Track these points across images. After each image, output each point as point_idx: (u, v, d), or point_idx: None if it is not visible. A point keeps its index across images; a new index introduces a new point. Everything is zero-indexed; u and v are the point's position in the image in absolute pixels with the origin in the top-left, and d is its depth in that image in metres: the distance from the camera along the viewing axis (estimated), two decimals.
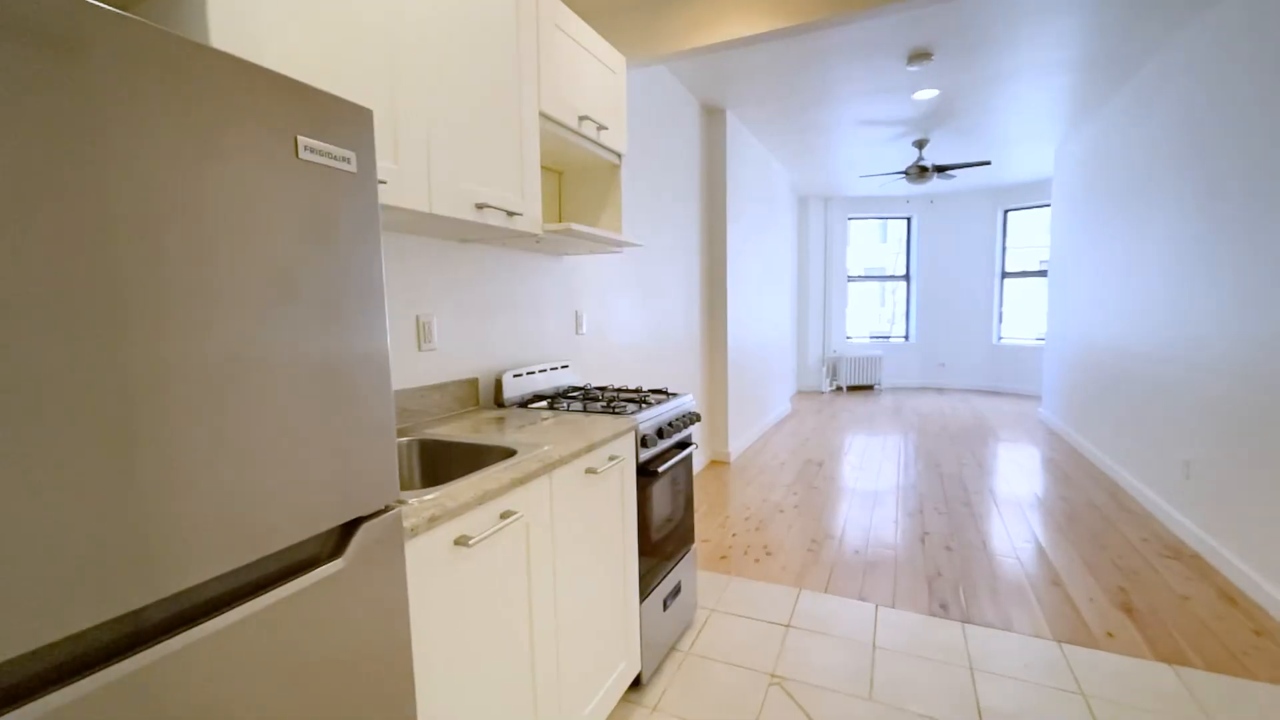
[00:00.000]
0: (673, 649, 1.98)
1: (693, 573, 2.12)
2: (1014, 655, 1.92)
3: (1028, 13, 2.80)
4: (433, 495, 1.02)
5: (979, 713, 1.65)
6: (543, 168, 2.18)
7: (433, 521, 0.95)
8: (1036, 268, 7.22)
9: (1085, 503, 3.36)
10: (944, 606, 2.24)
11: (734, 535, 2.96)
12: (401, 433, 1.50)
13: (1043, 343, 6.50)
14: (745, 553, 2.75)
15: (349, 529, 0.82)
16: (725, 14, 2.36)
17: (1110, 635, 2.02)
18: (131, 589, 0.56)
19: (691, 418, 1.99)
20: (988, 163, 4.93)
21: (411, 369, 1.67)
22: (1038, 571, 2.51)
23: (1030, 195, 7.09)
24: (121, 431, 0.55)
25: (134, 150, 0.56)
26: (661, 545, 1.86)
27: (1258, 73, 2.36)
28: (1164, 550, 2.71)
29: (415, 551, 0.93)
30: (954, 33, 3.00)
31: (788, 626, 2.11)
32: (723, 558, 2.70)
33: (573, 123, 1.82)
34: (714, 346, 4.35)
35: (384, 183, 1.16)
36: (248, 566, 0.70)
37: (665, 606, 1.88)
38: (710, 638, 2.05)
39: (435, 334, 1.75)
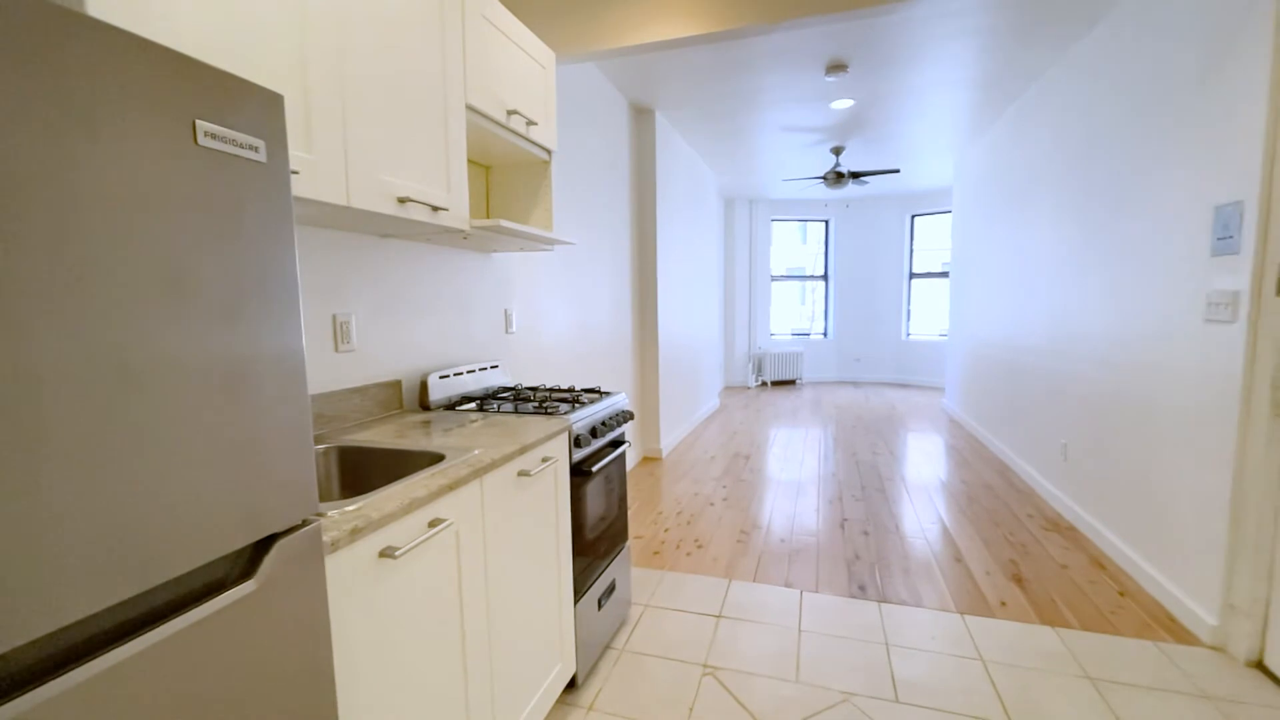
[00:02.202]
0: (608, 647, 1.99)
1: (627, 570, 2.14)
2: (923, 629, 2.08)
3: (931, 35, 3.02)
4: (355, 506, 0.97)
5: (893, 684, 1.78)
6: (470, 162, 2.11)
7: (355, 534, 0.90)
8: (940, 269, 7.83)
9: (982, 484, 3.69)
10: (862, 588, 2.38)
11: (666, 530, 3.01)
12: (318, 440, 1.40)
13: (945, 339, 7.05)
14: (678, 547, 2.80)
15: (262, 547, 0.76)
16: (651, 16, 2.38)
17: (1003, 604, 2.24)
18: None
19: (625, 416, 2.00)
20: (897, 170, 5.28)
21: (328, 371, 1.57)
22: (943, 550, 2.73)
23: (934, 202, 7.68)
24: None
25: None
26: (596, 544, 1.86)
27: (1115, 97, 2.67)
28: (1046, 524, 3.02)
29: (336, 567, 0.88)
30: (868, 47, 3.19)
31: (719, 617, 2.17)
32: (656, 553, 2.74)
33: (501, 117, 1.77)
34: (645, 344, 4.38)
35: (296, 173, 1.08)
36: (145, 594, 0.63)
37: (600, 606, 1.89)
38: (644, 633, 2.07)
39: (354, 334, 1.65)
